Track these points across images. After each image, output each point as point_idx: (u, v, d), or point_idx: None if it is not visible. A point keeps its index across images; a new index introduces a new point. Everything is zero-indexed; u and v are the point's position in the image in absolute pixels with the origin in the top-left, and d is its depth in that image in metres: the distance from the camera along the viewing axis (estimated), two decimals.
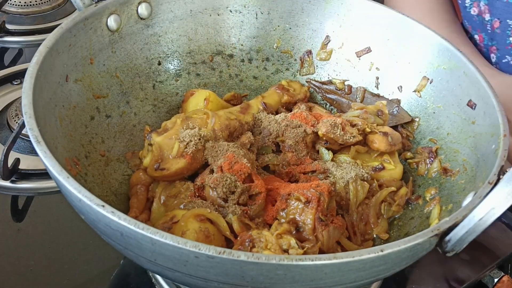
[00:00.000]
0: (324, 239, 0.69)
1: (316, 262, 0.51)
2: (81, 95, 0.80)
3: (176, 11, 0.92)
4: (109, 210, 0.53)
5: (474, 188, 0.68)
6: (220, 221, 0.70)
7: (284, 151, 0.83)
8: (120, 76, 0.87)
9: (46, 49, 0.71)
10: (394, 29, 0.91)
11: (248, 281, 0.53)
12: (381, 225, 0.79)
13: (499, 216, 0.56)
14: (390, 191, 0.81)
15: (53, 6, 1.37)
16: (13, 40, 1.28)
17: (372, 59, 0.94)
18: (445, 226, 0.57)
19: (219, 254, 0.50)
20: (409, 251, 0.56)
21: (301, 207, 0.71)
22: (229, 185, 0.72)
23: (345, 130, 0.83)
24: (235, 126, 0.84)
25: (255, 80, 0.99)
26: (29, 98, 0.64)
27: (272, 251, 0.63)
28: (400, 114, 0.91)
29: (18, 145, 0.97)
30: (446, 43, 0.85)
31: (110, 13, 0.83)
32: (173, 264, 0.54)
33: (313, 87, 0.98)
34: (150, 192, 0.80)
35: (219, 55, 0.98)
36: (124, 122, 0.87)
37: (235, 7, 0.96)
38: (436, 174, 0.82)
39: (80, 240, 0.84)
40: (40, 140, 0.60)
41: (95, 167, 0.78)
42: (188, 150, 0.78)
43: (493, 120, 0.72)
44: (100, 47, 0.83)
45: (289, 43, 0.98)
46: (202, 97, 0.89)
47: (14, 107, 1.05)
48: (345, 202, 0.78)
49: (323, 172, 0.80)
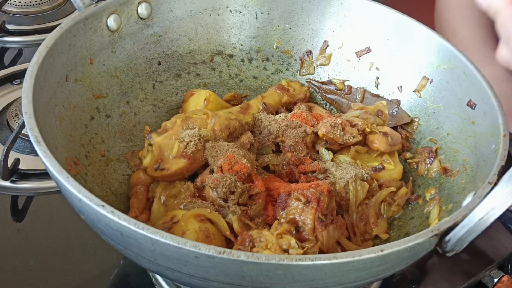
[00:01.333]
0: (324, 239, 0.69)
1: (316, 262, 0.51)
2: (81, 95, 0.80)
3: (176, 11, 0.92)
4: (109, 210, 0.53)
5: (474, 188, 0.68)
6: (220, 221, 0.70)
7: (284, 151, 0.83)
8: (120, 76, 0.87)
9: (46, 49, 0.71)
10: (394, 29, 0.91)
11: (248, 281, 0.53)
12: (381, 225, 0.79)
13: (499, 216, 0.56)
14: (390, 191, 0.81)
15: (53, 6, 1.37)
16: (13, 40, 1.27)
17: (372, 59, 0.94)
18: (445, 226, 0.57)
19: (219, 254, 0.50)
20: (409, 251, 0.56)
21: (301, 207, 0.71)
22: (229, 185, 0.72)
23: (345, 130, 0.83)
24: (235, 126, 0.84)
25: (255, 80, 0.99)
26: (29, 98, 0.65)
27: (272, 251, 0.63)
28: (400, 115, 0.91)
29: (18, 145, 0.97)
30: (446, 43, 0.85)
31: (110, 13, 0.83)
32: (173, 264, 0.54)
33: (313, 87, 0.98)
34: (150, 192, 0.80)
35: (219, 55, 0.98)
36: (124, 122, 0.87)
37: (235, 7, 0.96)
38: (436, 174, 0.82)
39: (80, 240, 0.84)
40: (40, 140, 0.60)
41: (95, 167, 0.78)
42: (188, 150, 0.78)
43: (493, 120, 0.72)
44: (100, 47, 0.83)
45: (289, 43, 0.98)
46: (202, 97, 0.89)
47: (14, 107, 1.05)
48: (345, 202, 0.78)
49: (323, 172, 0.80)
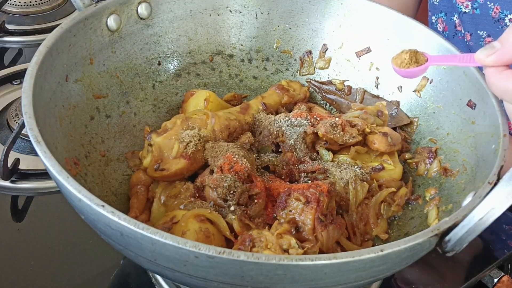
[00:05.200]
0: (323, 239, 0.69)
1: (316, 262, 0.51)
2: (81, 95, 0.80)
3: (176, 11, 0.92)
4: (109, 210, 0.53)
5: (474, 188, 0.68)
6: (220, 222, 0.70)
7: (284, 151, 0.83)
8: (120, 76, 0.87)
9: (46, 49, 0.71)
10: (394, 29, 0.91)
11: (248, 281, 0.53)
12: (381, 225, 0.79)
13: (499, 216, 0.56)
14: (389, 191, 0.81)
15: (53, 6, 1.37)
16: (13, 40, 1.28)
17: (372, 59, 0.94)
18: (445, 226, 0.57)
19: (219, 254, 0.50)
20: (409, 251, 0.55)
21: (301, 207, 0.71)
22: (229, 185, 0.72)
23: (345, 131, 0.83)
24: (235, 127, 0.84)
25: (255, 80, 0.99)
26: (29, 98, 0.64)
27: (272, 251, 0.63)
28: (399, 116, 0.90)
29: (18, 145, 0.97)
30: (446, 43, 0.84)
31: (110, 13, 0.83)
32: (173, 264, 0.54)
33: (313, 87, 0.98)
34: (150, 192, 0.80)
35: (219, 55, 0.98)
36: (124, 122, 0.87)
37: (235, 7, 0.96)
38: (436, 174, 0.82)
39: (80, 240, 0.84)
40: (40, 140, 0.60)
41: (95, 167, 0.78)
42: (188, 150, 0.78)
43: (493, 120, 0.72)
44: (100, 47, 0.83)
45: (289, 43, 0.98)
46: (202, 98, 0.89)
47: (14, 107, 1.05)
48: (344, 202, 0.78)
49: (323, 172, 0.80)
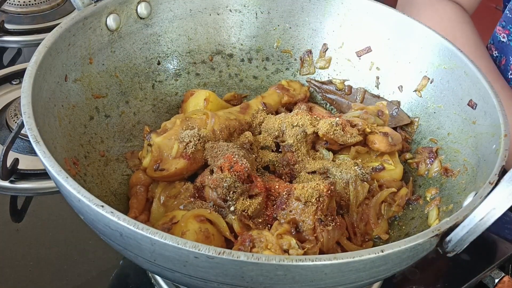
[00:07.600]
0: (324, 239, 0.69)
1: (316, 263, 0.51)
2: (80, 95, 0.79)
3: (176, 11, 0.92)
4: (108, 210, 0.53)
5: (475, 188, 0.68)
6: (220, 222, 0.70)
7: (284, 151, 0.83)
8: (119, 75, 0.87)
9: (45, 49, 0.71)
10: (395, 29, 0.91)
11: (248, 281, 0.53)
12: (381, 226, 0.79)
13: (500, 216, 0.56)
14: (390, 191, 0.81)
15: (52, 5, 1.36)
16: (12, 40, 1.27)
17: (372, 58, 0.94)
18: (446, 227, 0.57)
19: (218, 254, 0.50)
20: (410, 251, 0.55)
21: (301, 207, 0.70)
22: (229, 185, 0.71)
23: (345, 131, 0.83)
24: (235, 126, 0.84)
25: (255, 79, 0.99)
26: (28, 98, 0.64)
27: (272, 251, 0.63)
28: (399, 116, 0.90)
29: (17, 145, 0.97)
30: (446, 43, 0.84)
31: (109, 12, 0.83)
32: (172, 265, 0.54)
33: (313, 87, 0.98)
34: (150, 192, 0.79)
35: (219, 54, 0.98)
36: (123, 122, 0.86)
37: (235, 6, 0.96)
38: (437, 174, 0.82)
39: (80, 240, 0.84)
40: (39, 140, 0.60)
41: (94, 167, 0.78)
42: (187, 150, 0.78)
43: (494, 120, 0.72)
44: (99, 46, 0.83)
45: (289, 42, 0.98)
46: (202, 97, 0.89)
47: (13, 107, 1.05)
48: (345, 202, 0.78)
49: (323, 172, 0.80)
